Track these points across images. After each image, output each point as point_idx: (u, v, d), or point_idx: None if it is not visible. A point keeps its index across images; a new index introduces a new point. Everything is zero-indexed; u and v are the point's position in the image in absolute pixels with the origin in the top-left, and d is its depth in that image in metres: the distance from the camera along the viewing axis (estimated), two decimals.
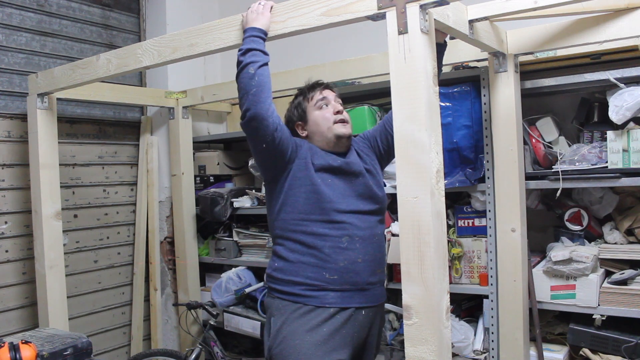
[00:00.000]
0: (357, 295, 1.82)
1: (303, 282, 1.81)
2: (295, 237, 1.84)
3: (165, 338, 3.44)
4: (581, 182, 2.14)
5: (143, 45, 2.14)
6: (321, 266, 1.80)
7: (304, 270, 1.81)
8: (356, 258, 1.81)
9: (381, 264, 1.93)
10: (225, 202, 3.04)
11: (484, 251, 2.32)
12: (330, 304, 1.79)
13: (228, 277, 3.05)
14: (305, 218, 1.82)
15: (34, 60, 2.93)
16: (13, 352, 1.85)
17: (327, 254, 1.79)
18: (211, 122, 3.61)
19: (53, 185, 2.59)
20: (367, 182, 1.90)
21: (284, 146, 1.81)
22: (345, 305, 1.80)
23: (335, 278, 1.79)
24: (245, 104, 1.74)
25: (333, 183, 1.84)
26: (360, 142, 2.05)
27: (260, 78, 1.74)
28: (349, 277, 1.81)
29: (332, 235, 1.80)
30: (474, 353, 2.33)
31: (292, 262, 1.84)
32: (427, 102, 1.42)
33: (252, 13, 1.79)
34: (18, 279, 2.82)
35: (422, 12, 1.43)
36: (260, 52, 1.76)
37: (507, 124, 2.12)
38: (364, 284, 1.83)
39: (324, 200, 1.81)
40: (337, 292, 1.80)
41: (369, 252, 1.85)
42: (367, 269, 1.84)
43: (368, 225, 1.86)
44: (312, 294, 1.80)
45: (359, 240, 1.83)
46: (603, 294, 2.08)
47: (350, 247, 1.81)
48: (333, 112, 1.91)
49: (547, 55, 2.17)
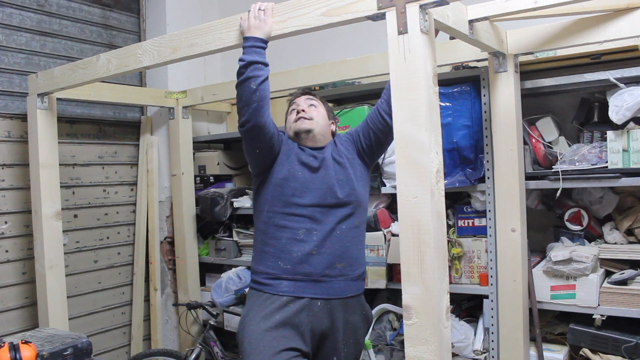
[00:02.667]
0: (311, 285, 1.90)
1: (264, 270, 1.94)
2: (263, 227, 1.97)
3: (165, 338, 3.44)
4: (581, 182, 2.14)
5: (143, 45, 2.14)
6: (277, 255, 1.91)
7: (265, 260, 1.94)
8: (311, 250, 1.89)
9: (344, 258, 1.93)
10: (225, 202, 3.04)
11: (484, 251, 2.32)
12: (284, 292, 1.89)
13: (228, 277, 3.05)
14: (270, 210, 1.95)
15: (34, 60, 2.93)
16: (13, 352, 1.85)
17: (283, 244, 1.91)
18: (211, 122, 3.61)
19: (53, 185, 2.59)
20: (334, 175, 1.95)
21: (275, 150, 1.95)
22: (299, 294, 1.89)
23: (288, 268, 1.89)
24: (246, 115, 1.84)
25: (301, 176, 1.93)
26: (343, 137, 2.12)
27: (262, 93, 1.82)
28: (301, 267, 1.89)
29: (291, 227, 1.91)
30: (474, 353, 2.33)
31: (258, 251, 1.99)
32: (427, 102, 1.42)
33: (254, 19, 1.77)
34: (18, 279, 2.82)
35: (422, 12, 1.43)
36: (262, 65, 1.80)
37: (507, 124, 2.12)
38: (318, 276, 1.90)
39: (287, 193, 1.92)
40: (290, 281, 1.89)
41: (327, 245, 1.91)
42: (323, 261, 1.90)
43: (331, 220, 1.92)
44: (268, 282, 1.91)
45: (317, 234, 1.90)
46: (603, 294, 2.08)
47: (306, 240, 1.90)
48: (295, 112, 2.04)
49: (547, 55, 2.17)
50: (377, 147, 2.04)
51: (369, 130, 2.01)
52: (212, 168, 3.32)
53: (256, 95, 1.80)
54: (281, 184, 1.93)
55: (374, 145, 2.03)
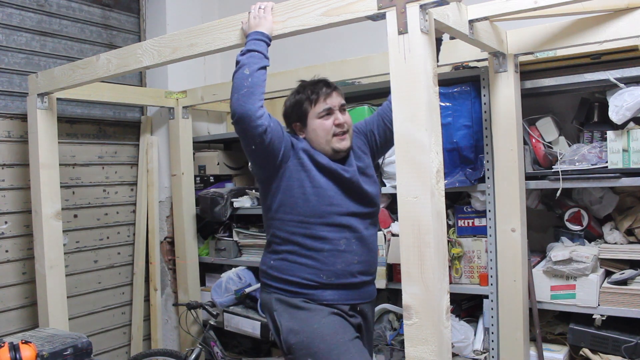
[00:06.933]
0: (351, 293, 1.87)
1: (299, 282, 1.84)
2: (294, 239, 1.84)
3: (165, 338, 3.44)
4: (581, 182, 2.14)
5: (143, 45, 2.14)
6: (318, 268, 1.82)
7: (300, 271, 1.84)
8: (352, 260, 1.84)
9: (374, 263, 1.97)
10: (225, 202, 3.04)
11: (484, 251, 2.32)
12: (328, 301, 1.83)
13: (228, 277, 3.05)
14: (305, 220, 1.82)
15: (34, 60, 2.93)
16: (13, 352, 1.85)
17: (325, 256, 1.82)
18: (211, 122, 3.61)
19: (53, 185, 2.59)
20: (362, 186, 1.89)
21: (274, 147, 1.78)
22: (342, 302, 1.85)
23: (332, 280, 1.83)
24: (233, 103, 1.72)
25: (331, 186, 1.84)
26: (355, 139, 2.00)
27: (254, 80, 1.71)
28: (345, 278, 1.84)
29: (332, 238, 1.82)
30: (474, 353, 2.33)
31: (290, 262, 1.85)
32: (427, 102, 1.42)
33: (254, 19, 1.77)
34: (18, 279, 2.82)
35: (422, 12, 1.43)
36: (261, 55, 1.75)
37: (507, 124, 2.12)
38: (358, 284, 1.88)
39: (325, 202, 1.81)
40: (333, 290, 1.84)
41: (364, 252, 1.88)
42: (362, 269, 1.87)
43: (363, 227, 1.89)
44: (308, 291, 1.83)
45: (355, 242, 1.85)
46: (603, 294, 2.08)
47: (348, 250, 1.84)
48: (334, 123, 1.86)
49: (547, 55, 2.16)
50: (388, 145, 2.04)
51: (386, 129, 1.98)
52: (212, 168, 3.32)
53: (248, 81, 1.70)
54: (317, 193, 1.81)
55: (388, 142, 2.01)
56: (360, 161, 1.95)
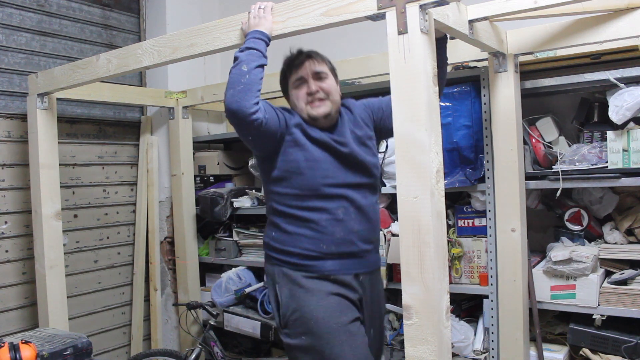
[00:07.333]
0: (352, 262, 1.87)
1: (300, 252, 1.85)
2: (292, 212, 1.87)
3: (165, 338, 3.44)
4: (581, 182, 2.14)
5: (143, 45, 2.14)
6: (318, 238, 1.84)
7: (300, 242, 1.85)
8: (352, 228, 1.85)
9: (375, 231, 1.96)
10: (225, 202, 3.04)
11: (484, 251, 2.32)
12: (329, 271, 1.84)
13: (228, 277, 3.05)
14: (301, 194, 1.85)
15: (34, 60, 2.93)
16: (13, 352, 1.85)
17: (323, 226, 1.83)
18: (211, 122, 3.61)
19: (53, 185, 2.59)
20: (358, 156, 1.89)
21: (271, 133, 1.81)
22: (344, 272, 1.85)
23: (332, 249, 1.84)
24: (228, 98, 1.72)
25: (326, 157, 1.86)
26: (361, 110, 2.01)
27: (252, 77, 1.72)
28: (345, 247, 1.85)
29: (329, 207, 1.84)
30: (474, 353, 2.33)
31: (290, 233, 1.88)
32: (427, 102, 1.42)
33: (254, 18, 1.78)
34: (18, 279, 2.82)
35: (422, 12, 1.43)
36: (259, 53, 1.75)
37: (507, 124, 2.12)
38: (359, 252, 1.88)
39: (319, 175, 1.84)
40: (334, 260, 1.84)
41: (364, 221, 1.88)
42: (362, 237, 1.88)
43: (361, 196, 1.89)
44: (310, 263, 1.84)
45: (354, 211, 1.86)
46: (603, 294, 2.08)
47: (346, 218, 1.85)
48: (306, 93, 1.88)
49: (547, 55, 2.17)
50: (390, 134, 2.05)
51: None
52: (212, 168, 3.32)
53: (245, 78, 1.70)
54: (311, 167, 1.83)
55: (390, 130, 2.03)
56: (360, 130, 1.95)
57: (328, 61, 1.97)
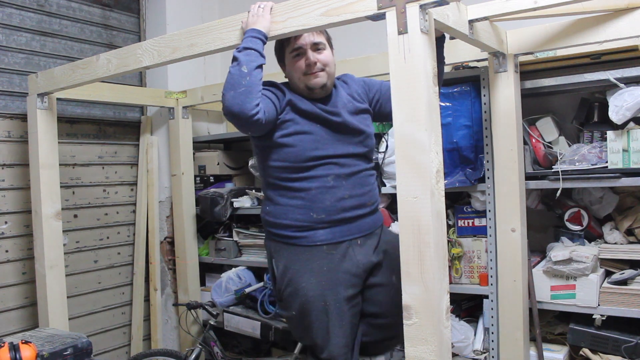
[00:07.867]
0: (346, 229, 1.88)
1: (291, 224, 1.88)
2: (283, 184, 1.90)
3: (165, 338, 3.44)
4: (581, 182, 2.14)
5: (143, 45, 2.14)
6: (308, 207, 1.86)
7: (292, 213, 1.88)
8: (343, 195, 1.87)
9: (369, 196, 1.96)
10: (225, 202, 3.04)
11: (484, 251, 2.32)
12: (322, 241, 1.86)
13: (228, 277, 3.05)
14: (291, 166, 1.87)
15: (34, 60, 2.93)
16: (13, 352, 1.85)
17: (313, 194, 1.86)
18: (211, 122, 3.61)
19: (53, 185, 2.59)
20: (349, 124, 1.91)
21: (270, 123, 1.84)
22: (337, 240, 1.87)
23: (322, 217, 1.85)
24: (229, 100, 1.73)
25: (317, 129, 1.87)
26: (359, 85, 2.04)
27: (252, 79, 1.73)
28: (336, 214, 1.86)
29: (319, 175, 1.86)
30: (474, 353, 2.33)
31: (282, 205, 1.91)
32: (427, 102, 1.42)
33: (253, 17, 1.79)
34: (18, 279, 2.82)
35: (422, 12, 1.43)
36: (257, 53, 1.76)
37: (507, 124, 2.12)
38: (351, 218, 1.89)
39: (310, 147, 1.86)
40: (326, 229, 1.86)
41: (356, 187, 1.90)
42: (354, 203, 1.89)
43: (353, 163, 1.91)
44: (301, 234, 1.87)
45: (345, 178, 1.88)
46: (603, 294, 2.08)
47: (337, 185, 1.87)
48: (304, 64, 1.88)
49: (547, 55, 2.17)
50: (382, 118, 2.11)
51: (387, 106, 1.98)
52: (212, 168, 3.32)
53: (246, 80, 1.71)
54: (301, 139, 1.86)
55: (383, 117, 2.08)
56: (355, 101, 1.97)
57: (325, 32, 1.97)
